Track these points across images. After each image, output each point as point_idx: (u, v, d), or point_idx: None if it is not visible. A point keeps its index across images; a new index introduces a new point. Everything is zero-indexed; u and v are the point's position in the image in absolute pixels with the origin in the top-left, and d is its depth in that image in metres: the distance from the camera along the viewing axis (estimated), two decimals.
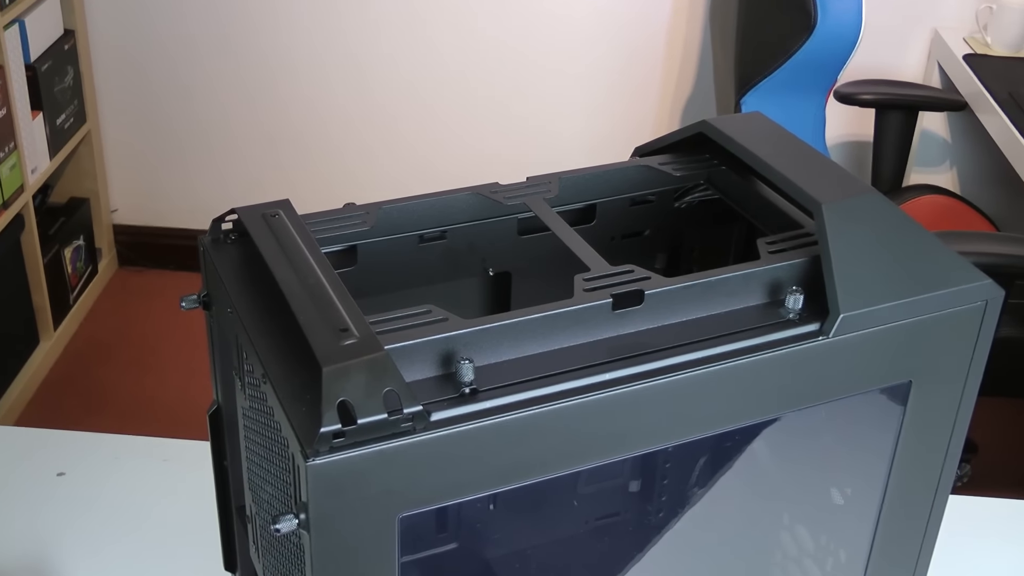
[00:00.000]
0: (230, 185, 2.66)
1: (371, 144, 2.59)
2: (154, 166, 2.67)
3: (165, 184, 2.69)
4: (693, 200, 0.86)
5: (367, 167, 2.62)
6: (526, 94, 2.53)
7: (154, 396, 2.30)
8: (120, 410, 2.28)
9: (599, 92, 2.53)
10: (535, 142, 2.57)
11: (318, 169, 2.63)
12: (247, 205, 0.73)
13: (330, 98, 2.55)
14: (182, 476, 1.07)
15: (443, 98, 2.53)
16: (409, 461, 0.59)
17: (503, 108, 2.54)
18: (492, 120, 2.55)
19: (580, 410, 0.63)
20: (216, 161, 2.64)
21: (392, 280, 0.79)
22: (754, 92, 2.11)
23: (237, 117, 2.58)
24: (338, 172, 2.63)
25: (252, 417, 0.68)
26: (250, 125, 2.59)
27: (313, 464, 0.57)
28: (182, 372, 2.35)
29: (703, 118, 0.82)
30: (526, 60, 2.50)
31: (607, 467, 0.66)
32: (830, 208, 0.70)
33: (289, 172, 2.64)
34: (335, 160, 2.62)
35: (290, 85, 2.54)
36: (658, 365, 0.65)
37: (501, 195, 0.79)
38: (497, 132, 2.56)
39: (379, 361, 0.58)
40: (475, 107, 2.54)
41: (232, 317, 0.69)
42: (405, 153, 2.59)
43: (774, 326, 0.68)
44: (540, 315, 0.65)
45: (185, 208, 2.70)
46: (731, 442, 0.73)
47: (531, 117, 2.55)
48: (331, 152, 2.61)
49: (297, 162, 2.63)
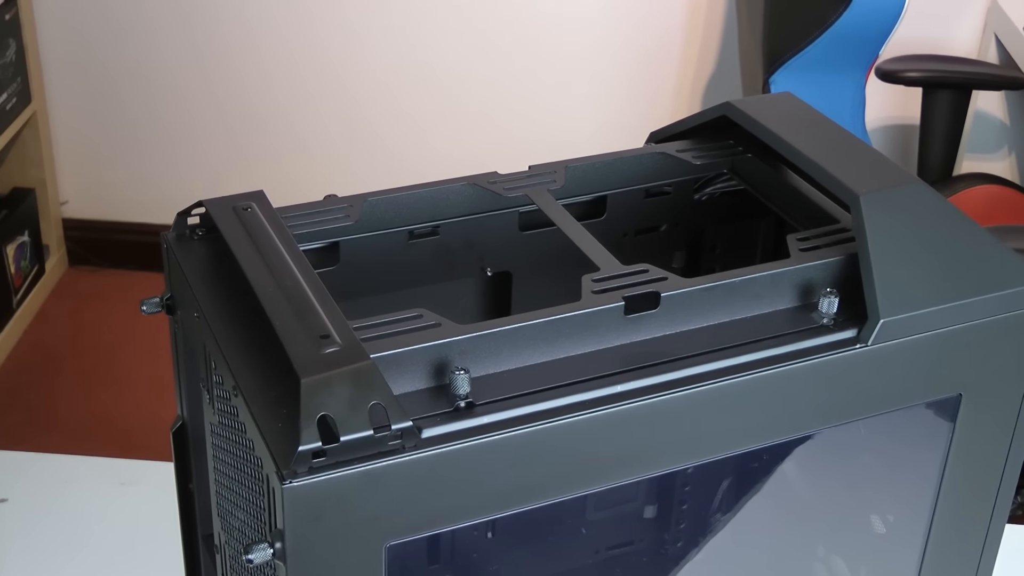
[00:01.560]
0: (195, 174, 2.67)
1: (354, 130, 2.60)
2: (109, 152, 2.68)
3: (122, 173, 2.70)
4: (715, 191, 0.86)
5: (349, 155, 2.63)
6: (527, 72, 2.53)
7: (110, 412, 2.31)
8: (71, 428, 2.28)
9: (609, 70, 2.53)
10: (538, 127, 2.58)
11: (294, 157, 2.64)
12: (216, 197, 0.73)
13: (306, 78, 2.55)
14: (142, 502, 1.07)
15: (434, 77, 2.54)
16: (398, 483, 0.59)
17: (502, 88, 2.55)
18: (489, 101, 2.56)
19: (589, 426, 0.63)
20: (180, 147, 2.65)
21: (378, 281, 0.79)
22: (784, 70, 2.12)
23: (203, 97, 2.59)
24: (317, 161, 2.64)
25: (221, 434, 0.69)
26: (219, 106, 2.59)
27: (290, 487, 0.57)
28: (142, 384, 2.35)
29: (726, 99, 0.83)
30: (526, 33, 2.50)
31: (619, 491, 0.67)
32: (869, 200, 0.70)
33: (262, 160, 2.65)
34: (313, 148, 2.62)
35: (262, 62, 2.55)
36: (676, 376, 0.65)
37: (500, 186, 0.80)
38: (495, 115, 2.57)
39: (364, 371, 0.59)
40: (470, 87, 2.54)
41: (199, 322, 0.69)
42: (393, 140, 2.60)
43: (806, 332, 0.69)
44: (544, 320, 0.66)
45: (145, 200, 2.70)
46: (758, 463, 0.73)
47: (533, 98, 2.55)
48: (309, 139, 2.62)
49: (271, 149, 2.63)
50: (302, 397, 0.57)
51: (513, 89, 2.56)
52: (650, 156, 0.84)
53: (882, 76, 2.21)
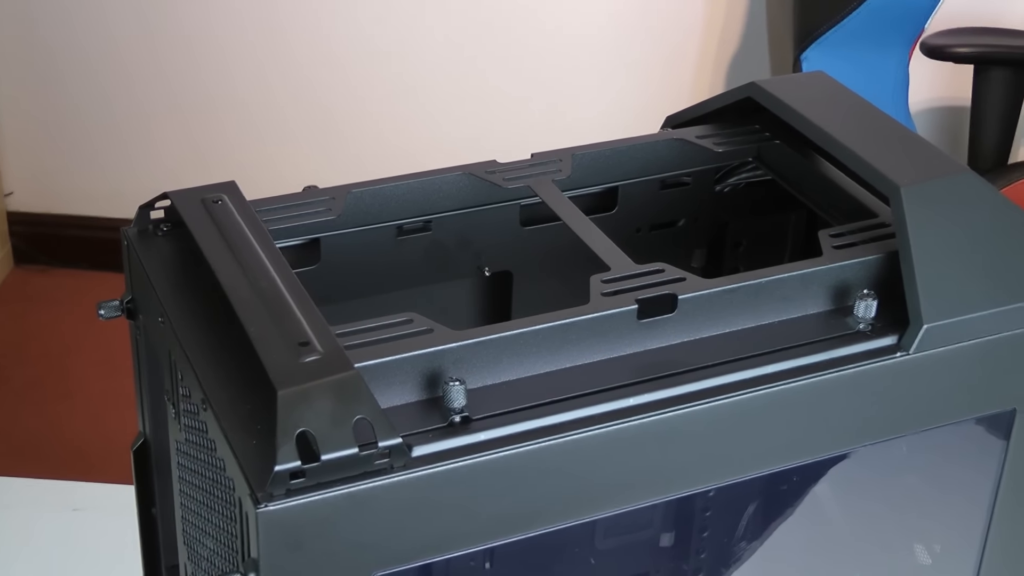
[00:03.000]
0: (158, 163, 2.66)
1: (334, 114, 2.60)
2: (59, 138, 2.67)
3: (74, 161, 2.70)
4: (739, 182, 0.86)
5: (329, 143, 2.63)
6: (527, 47, 2.53)
7: (62, 428, 2.31)
8: (16, 447, 2.28)
9: (621, 46, 2.53)
10: (541, 109, 2.58)
11: (265, 144, 2.63)
12: (183, 188, 0.73)
13: (280, 54, 2.55)
14: (98, 529, 1.08)
15: (422, 53, 2.54)
16: (385, 507, 0.60)
17: (500, 65, 2.54)
18: (486, 80, 2.56)
19: (597, 444, 0.63)
20: (139, 131, 2.65)
21: (364, 282, 0.80)
22: (818, 46, 2.12)
23: (157, 80, 2.59)
24: (293, 147, 2.63)
25: (189, 453, 0.69)
26: (185, 85, 2.59)
27: (265, 511, 0.57)
28: (98, 398, 2.35)
29: (752, 79, 0.83)
30: (526, 3, 2.50)
31: (632, 516, 0.67)
32: (911, 192, 0.71)
33: (233, 147, 2.64)
34: (288, 133, 2.62)
35: (222, 40, 2.55)
36: (695, 388, 0.66)
37: (499, 176, 0.80)
38: (493, 96, 2.57)
39: (348, 383, 0.59)
40: (463, 63, 2.54)
41: (163, 328, 0.69)
42: (378, 125, 2.60)
43: (840, 339, 0.69)
44: (547, 326, 0.66)
45: (101, 191, 2.70)
46: (787, 485, 0.74)
47: (535, 77, 2.55)
48: (282, 122, 2.61)
49: (239, 136, 2.63)
50: (279, 411, 0.58)
51: (512, 66, 2.55)
52: (666, 143, 0.84)
53: (928, 52, 2.21)
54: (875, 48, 2.14)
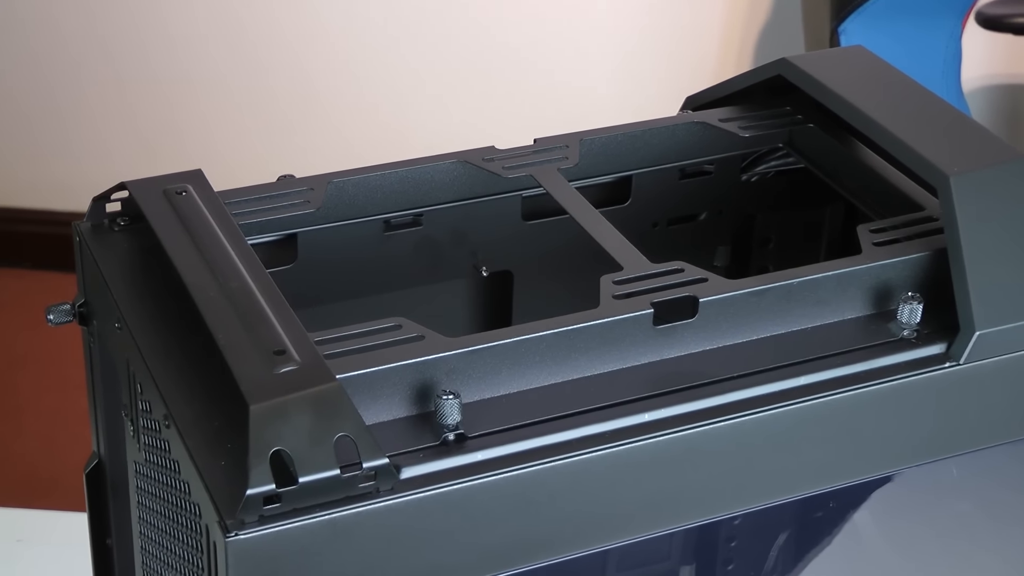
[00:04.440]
0: (113, 150, 2.66)
1: (314, 92, 2.59)
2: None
3: (15, 148, 2.70)
4: (768, 170, 0.87)
5: (309, 126, 2.62)
6: (531, 19, 2.53)
7: (5, 449, 2.31)
8: None
9: (635, 18, 2.53)
10: (545, 89, 2.57)
11: (238, 128, 2.63)
12: (142, 178, 0.73)
13: (247, 21, 2.55)
14: (45, 562, 1.08)
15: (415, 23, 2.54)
16: (370, 535, 0.60)
17: (499, 41, 2.54)
18: (483, 56, 2.56)
19: (609, 465, 0.64)
20: (91, 114, 2.64)
21: (346, 283, 0.80)
22: (857, 17, 2.12)
23: (115, 52, 2.59)
24: (266, 131, 2.63)
25: (149, 476, 0.69)
26: (141, 61, 2.59)
27: (236, 540, 0.57)
28: (47, 414, 2.35)
29: (782, 55, 0.83)
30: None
31: (646, 546, 0.67)
32: (962, 182, 0.71)
33: (199, 132, 2.64)
34: (262, 114, 2.62)
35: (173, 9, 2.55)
36: (718, 402, 0.66)
37: (498, 164, 0.80)
38: (490, 73, 2.57)
39: (329, 396, 0.59)
40: (459, 35, 2.54)
41: (121, 335, 0.69)
42: (362, 109, 2.60)
43: (882, 348, 0.69)
44: (552, 332, 0.66)
45: (48, 181, 2.70)
46: (822, 512, 0.74)
47: (539, 53, 2.55)
48: (256, 102, 2.61)
49: (210, 117, 2.63)
50: (251, 428, 0.58)
51: (510, 37, 2.55)
52: (686, 127, 0.84)
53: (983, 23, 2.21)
54: (922, 19, 2.14)
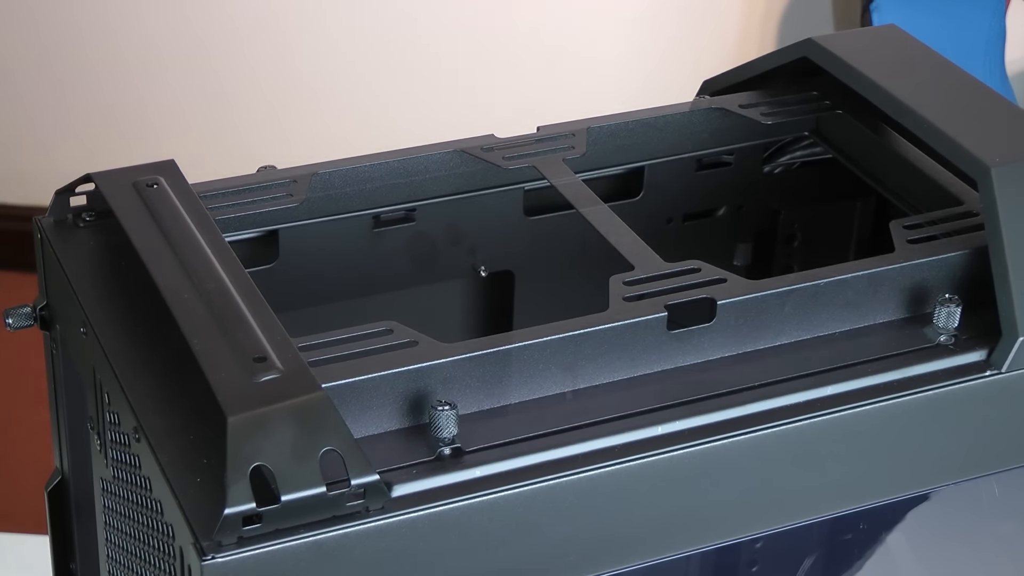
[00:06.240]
0: (78, 136, 2.67)
1: (294, 75, 2.60)
2: None
3: None
4: (793, 161, 0.87)
5: (292, 112, 2.63)
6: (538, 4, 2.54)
7: None
8: None
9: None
10: (550, 74, 2.58)
11: (214, 114, 2.64)
12: (109, 169, 0.73)
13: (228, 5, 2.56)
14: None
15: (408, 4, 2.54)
16: (359, 558, 0.60)
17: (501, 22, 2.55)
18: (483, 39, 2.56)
19: (618, 482, 0.63)
20: (56, 94, 2.65)
21: (333, 284, 0.80)
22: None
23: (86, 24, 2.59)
24: (245, 118, 2.64)
25: (118, 494, 0.69)
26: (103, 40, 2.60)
27: (212, 564, 0.57)
28: (5, 427, 2.35)
29: (808, 35, 0.83)
30: None
31: (660, 570, 0.67)
32: (1004, 174, 0.70)
33: (172, 118, 2.65)
34: (240, 99, 2.63)
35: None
36: (737, 414, 0.65)
37: (498, 154, 0.80)
38: (489, 53, 2.57)
39: (314, 407, 0.59)
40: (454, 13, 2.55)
41: (87, 340, 0.69)
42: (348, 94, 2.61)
43: (917, 355, 0.69)
44: (557, 337, 0.66)
45: (3, 171, 2.71)
46: (852, 534, 0.74)
47: (545, 34, 2.56)
48: (234, 87, 2.62)
49: (182, 102, 2.64)
50: (229, 442, 0.57)
51: (517, 24, 2.56)
52: (703, 113, 0.84)
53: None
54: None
